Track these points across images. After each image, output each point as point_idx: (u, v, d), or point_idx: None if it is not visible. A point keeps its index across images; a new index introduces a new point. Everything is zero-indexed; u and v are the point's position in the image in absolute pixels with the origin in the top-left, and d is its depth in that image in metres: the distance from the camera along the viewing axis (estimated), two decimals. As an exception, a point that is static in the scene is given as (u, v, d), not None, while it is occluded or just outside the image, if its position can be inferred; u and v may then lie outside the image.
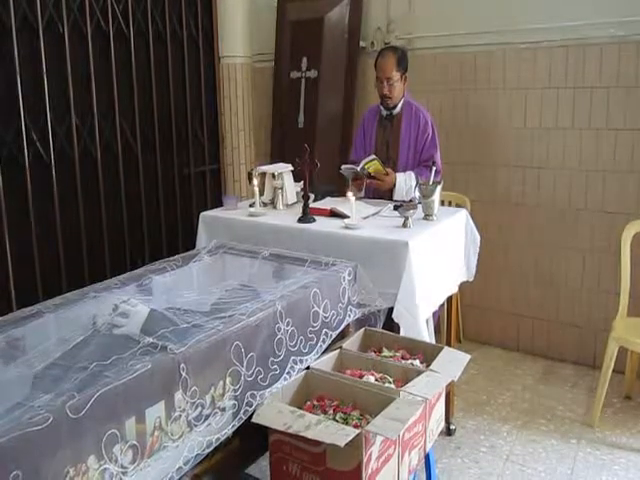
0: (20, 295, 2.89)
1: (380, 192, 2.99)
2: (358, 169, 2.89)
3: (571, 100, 3.31)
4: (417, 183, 2.79)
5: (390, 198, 2.93)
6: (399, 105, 3.04)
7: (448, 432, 2.81)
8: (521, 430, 2.86)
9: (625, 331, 2.83)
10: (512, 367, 3.49)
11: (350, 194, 2.48)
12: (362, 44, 3.89)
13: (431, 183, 2.55)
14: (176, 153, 3.73)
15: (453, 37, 3.57)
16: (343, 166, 2.96)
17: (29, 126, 2.91)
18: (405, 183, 2.92)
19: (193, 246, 2.79)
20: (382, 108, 3.08)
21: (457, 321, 3.59)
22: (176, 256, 2.38)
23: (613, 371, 2.83)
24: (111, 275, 2.32)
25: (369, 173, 2.89)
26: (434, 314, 2.69)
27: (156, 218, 3.65)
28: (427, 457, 2.12)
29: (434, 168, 2.69)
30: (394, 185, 2.93)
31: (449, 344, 2.72)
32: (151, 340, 1.58)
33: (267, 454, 1.79)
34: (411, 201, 2.64)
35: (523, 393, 3.20)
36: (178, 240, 3.78)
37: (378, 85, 3.01)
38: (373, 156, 2.92)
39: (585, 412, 2.98)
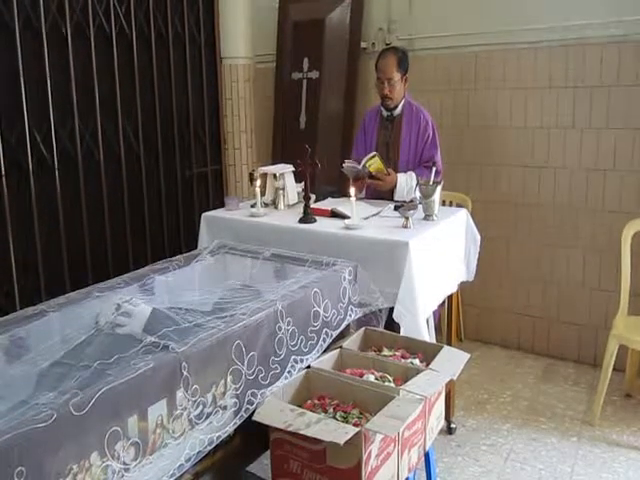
0: (24, 295, 2.92)
1: (381, 192, 3.00)
2: (359, 167, 2.89)
3: (571, 100, 3.32)
4: (417, 183, 2.80)
5: (391, 198, 2.95)
6: (400, 106, 3.05)
7: (449, 430, 2.83)
8: (522, 428, 2.87)
9: (625, 329, 2.84)
10: (513, 366, 3.51)
11: (353, 191, 2.49)
12: (363, 45, 3.90)
13: (431, 183, 2.57)
14: (178, 154, 3.75)
15: (454, 37, 3.58)
16: (345, 164, 2.96)
17: (32, 128, 2.93)
18: (406, 183, 2.93)
19: (195, 246, 2.81)
20: (383, 109, 3.09)
21: (458, 320, 3.61)
22: (178, 256, 2.40)
23: (614, 369, 2.85)
24: (114, 275, 2.34)
25: (370, 172, 2.90)
26: (435, 313, 2.70)
27: (159, 218, 3.67)
28: (427, 455, 2.14)
29: (434, 168, 2.70)
30: (395, 185, 2.94)
31: (449, 343, 2.73)
32: (153, 339, 1.61)
33: (268, 452, 1.81)
34: (412, 201, 2.65)
35: (524, 391, 3.21)
36: (180, 240, 3.80)
37: (379, 85, 3.02)
38: (374, 152, 2.92)
39: (585, 410, 3.00)
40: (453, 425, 2.85)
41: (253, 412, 1.72)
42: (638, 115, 3.15)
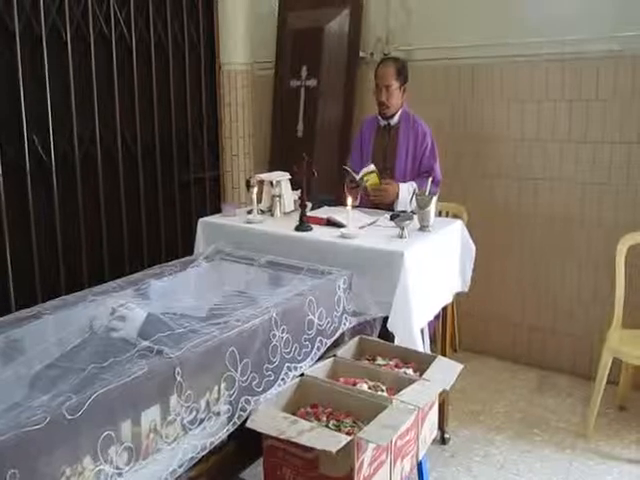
0: (19, 297, 2.91)
1: (381, 204, 2.99)
2: (357, 178, 2.91)
3: (568, 113, 3.34)
4: (414, 193, 2.81)
5: (389, 209, 2.95)
6: (397, 115, 3.07)
7: (442, 441, 2.83)
8: (515, 439, 2.87)
9: (619, 342, 2.85)
10: (507, 377, 3.51)
11: (349, 200, 2.50)
12: (362, 54, 3.92)
13: (427, 194, 2.58)
14: (176, 159, 3.76)
15: (452, 49, 3.60)
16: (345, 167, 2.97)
17: (31, 132, 2.93)
18: (408, 193, 2.93)
19: (191, 252, 2.81)
20: (380, 118, 3.11)
21: (453, 331, 3.61)
22: (174, 261, 2.40)
23: (608, 382, 2.85)
24: (110, 279, 2.34)
25: (365, 187, 2.91)
26: (430, 324, 2.71)
27: (156, 223, 3.67)
28: (420, 465, 2.14)
29: (430, 179, 2.72)
30: (397, 196, 2.94)
31: (444, 354, 2.73)
32: (147, 344, 1.60)
33: (261, 459, 1.80)
34: (412, 212, 2.67)
35: (518, 403, 3.21)
36: (177, 246, 3.81)
37: (377, 93, 3.04)
38: (372, 167, 2.93)
39: (579, 422, 3.00)
40: (447, 435, 2.84)
41: (246, 419, 1.72)
42: (634, 129, 3.17)
